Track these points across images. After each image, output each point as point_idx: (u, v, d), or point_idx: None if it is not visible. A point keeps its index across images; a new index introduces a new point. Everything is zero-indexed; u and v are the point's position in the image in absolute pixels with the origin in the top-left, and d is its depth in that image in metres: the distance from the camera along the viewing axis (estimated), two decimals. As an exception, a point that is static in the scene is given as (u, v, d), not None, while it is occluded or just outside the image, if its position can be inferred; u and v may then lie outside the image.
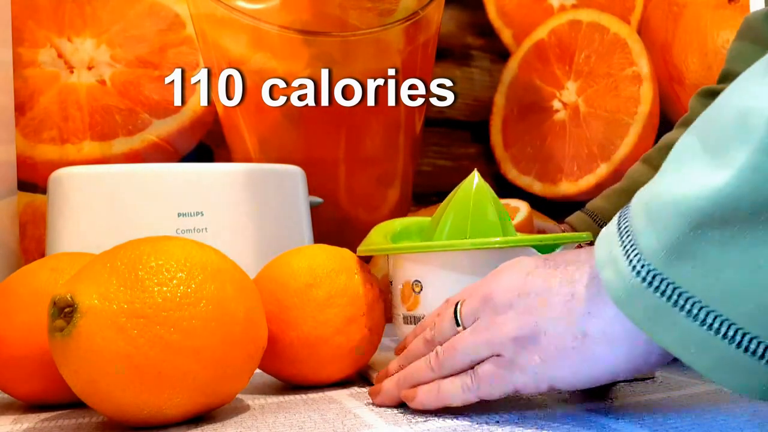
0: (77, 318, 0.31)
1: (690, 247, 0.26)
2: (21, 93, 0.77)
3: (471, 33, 0.97)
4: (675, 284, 0.26)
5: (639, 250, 0.27)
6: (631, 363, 0.30)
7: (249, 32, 0.86)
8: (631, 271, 0.27)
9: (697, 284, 0.26)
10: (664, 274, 0.26)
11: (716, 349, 0.25)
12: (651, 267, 0.27)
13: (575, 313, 0.31)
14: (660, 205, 0.27)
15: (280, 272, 0.44)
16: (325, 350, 0.42)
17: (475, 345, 0.33)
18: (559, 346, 0.31)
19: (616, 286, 0.28)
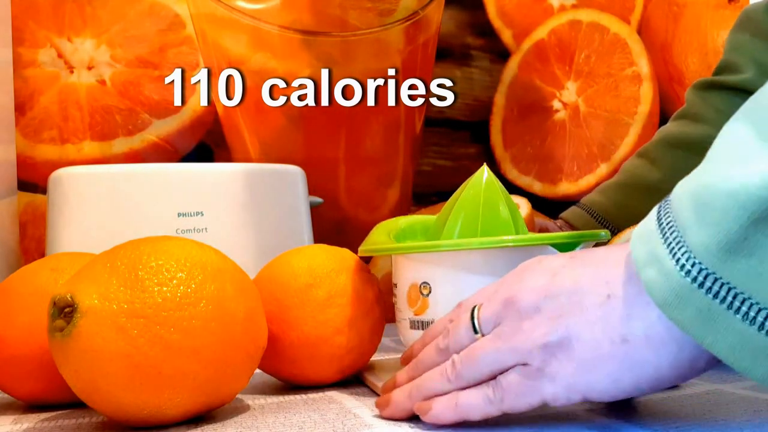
0: (77, 318, 0.31)
1: (748, 243, 0.23)
2: (21, 93, 0.77)
3: (471, 33, 0.97)
4: (730, 284, 0.24)
5: (688, 247, 0.25)
6: (676, 370, 0.27)
7: (249, 32, 0.86)
8: (679, 271, 0.25)
9: (755, 284, 0.23)
10: (718, 273, 0.24)
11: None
12: (703, 266, 0.24)
13: (613, 316, 0.28)
14: (713, 196, 0.24)
15: (280, 272, 0.44)
16: (325, 350, 0.42)
17: (498, 353, 0.31)
18: (596, 353, 0.28)
19: (661, 287, 0.26)
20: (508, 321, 0.31)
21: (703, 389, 0.38)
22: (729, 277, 0.24)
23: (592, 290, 0.29)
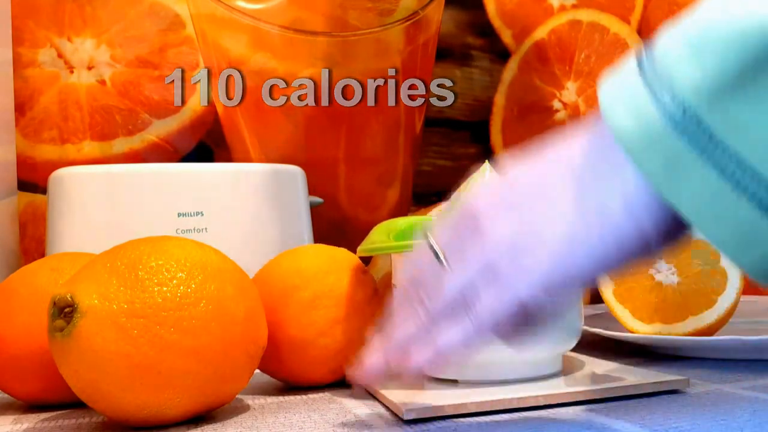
0: (77, 318, 0.31)
1: (745, 86, 0.21)
2: (21, 93, 0.77)
3: (471, 33, 0.97)
4: (712, 131, 0.21)
5: (673, 88, 0.22)
6: (662, 231, 0.25)
7: (249, 32, 0.86)
8: (657, 112, 0.22)
9: (740, 134, 0.21)
10: (704, 116, 0.21)
11: (741, 215, 0.21)
12: (688, 107, 0.22)
13: (583, 194, 0.25)
14: (713, 31, 0.21)
15: (270, 273, 0.44)
16: (312, 352, 0.42)
17: (466, 272, 0.28)
18: (568, 236, 0.25)
19: (630, 131, 0.23)
20: (467, 235, 0.28)
21: (703, 389, 0.38)
22: (713, 122, 0.21)
23: (556, 178, 0.27)
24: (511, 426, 0.32)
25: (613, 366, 0.43)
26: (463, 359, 0.30)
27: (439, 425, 0.33)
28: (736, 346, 0.45)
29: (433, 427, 0.33)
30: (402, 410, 0.34)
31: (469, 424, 0.33)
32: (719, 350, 0.47)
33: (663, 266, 0.51)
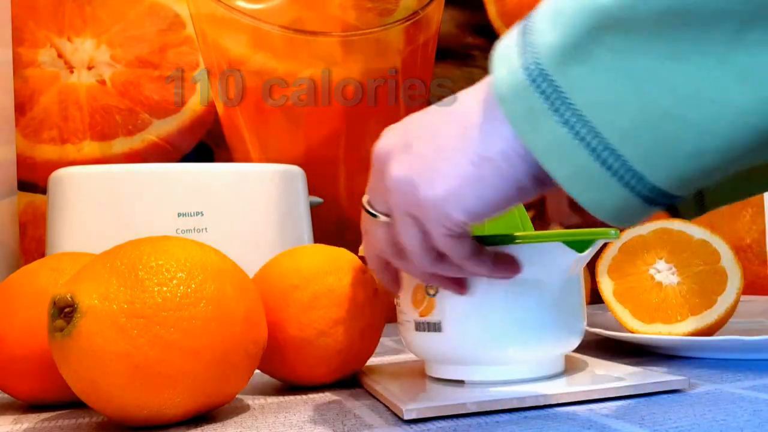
0: (77, 318, 0.31)
1: (585, 50, 0.25)
2: (21, 93, 0.77)
3: (471, 33, 0.97)
4: (559, 87, 0.26)
5: (534, 48, 0.27)
6: (537, 180, 0.29)
7: (249, 32, 0.86)
8: (520, 67, 0.27)
9: (579, 90, 0.25)
10: (552, 74, 0.26)
11: (578, 158, 0.26)
12: (541, 65, 0.26)
13: (471, 141, 0.29)
14: (568, 2, 0.26)
15: (270, 273, 0.44)
16: (312, 352, 0.41)
17: (392, 221, 0.33)
18: (461, 178, 0.30)
19: (504, 82, 0.27)
20: (380, 183, 0.33)
21: (703, 389, 0.38)
22: (560, 80, 0.26)
23: (447, 125, 0.31)
24: (511, 426, 0.32)
25: (613, 366, 0.43)
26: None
27: (439, 425, 0.33)
28: (736, 346, 0.45)
29: (433, 426, 0.33)
30: (402, 410, 0.34)
31: (469, 424, 0.33)
32: (719, 350, 0.47)
33: (663, 266, 0.51)
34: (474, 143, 0.29)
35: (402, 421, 0.34)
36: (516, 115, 0.27)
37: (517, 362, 0.39)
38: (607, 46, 0.25)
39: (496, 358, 0.38)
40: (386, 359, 0.54)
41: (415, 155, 0.31)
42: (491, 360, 0.38)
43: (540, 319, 0.38)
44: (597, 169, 0.26)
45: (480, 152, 0.29)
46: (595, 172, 0.26)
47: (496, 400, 0.35)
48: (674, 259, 0.51)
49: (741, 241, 0.94)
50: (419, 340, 0.40)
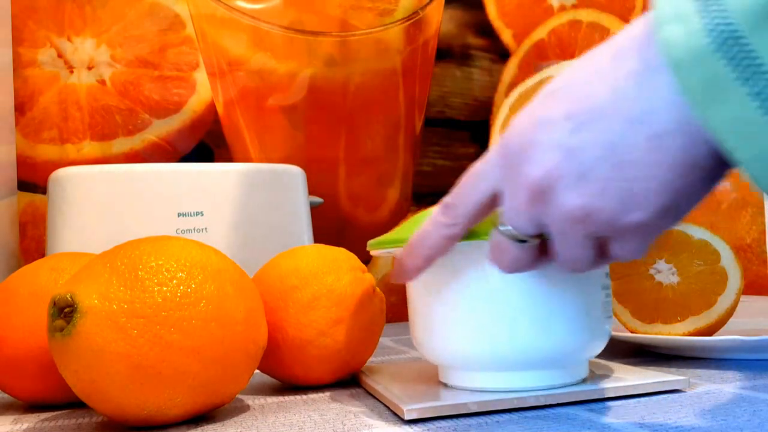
0: (77, 318, 0.31)
1: None
2: (21, 93, 0.77)
3: (471, 33, 0.97)
4: (754, 52, 0.21)
5: (723, 4, 0.22)
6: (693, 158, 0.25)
7: (249, 32, 0.86)
8: (703, 28, 0.22)
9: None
10: (747, 36, 0.21)
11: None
12: (733, 25, 0.22)
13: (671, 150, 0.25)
14: None
15: (269, 274, 0.44)
16: (312, 352, 0.42)
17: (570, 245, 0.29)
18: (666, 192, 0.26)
19: (679, 44, 0.23)
20: (526, 208, 0.29)
21: (703, 389, 0.38)
22: (757, 43, 0.21)
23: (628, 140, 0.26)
24: (512, 426, 0.32)
25: (613, 366, 0.43)
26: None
27: (439, 425, 0.33)
28: (736, 346, 0.45)
29: (433, 426, 0.33)
30: (403, 410, 0.34)
31: (470, 424, 0.33)
32: (719, 350, 0.47)
33: (663, 266, 0.51)
34: (672, 149, 0.25)
35: (402, 421, 0.34)
36: (694, 83, 0.23)
37: (543, 367, 0.36)
38: None
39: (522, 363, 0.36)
40: (386, 359, 0.54)
41: (596, 180, 0.26)
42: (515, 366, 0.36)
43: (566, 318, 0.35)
44: None
45: (686, 159, 0.25)
46: None
47: (496, 400, 0.35)
48: (674, 259, 0.51)
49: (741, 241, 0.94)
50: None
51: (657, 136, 0.25)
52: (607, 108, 0.26)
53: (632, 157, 0.26)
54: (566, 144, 0.27)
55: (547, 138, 0.27)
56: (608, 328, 0.38)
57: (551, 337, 0.35)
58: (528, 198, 0.28)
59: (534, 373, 0.36)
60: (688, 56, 0.23)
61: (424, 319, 0.38)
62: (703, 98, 0.23)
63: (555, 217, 0.28)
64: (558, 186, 0.27)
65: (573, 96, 0.27)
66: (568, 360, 0.37)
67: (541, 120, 0.28)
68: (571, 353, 0.36)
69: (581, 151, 0.26)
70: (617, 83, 0.26)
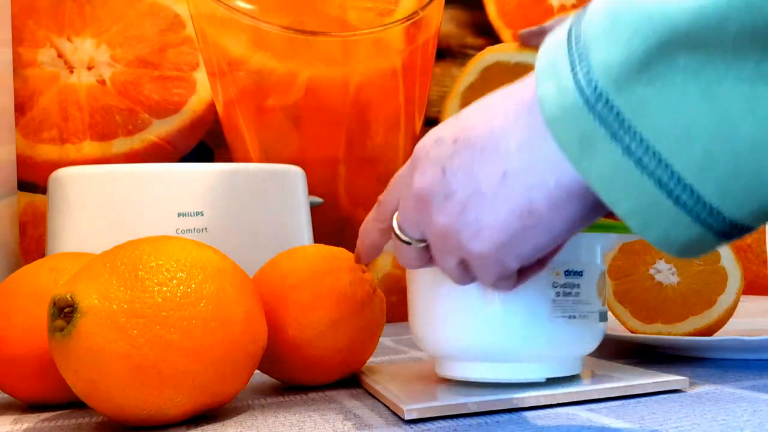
0: (77, 318, 0.31)
1: (650, 70, 0.22)
2: (21, 93, 0.77)
3: (471, 33, 0.97)
4: (620, 111, 0.22)
5: (590, 65, 0.23)
6: (587, 216, 0.27)
7: (249, 32, 0.86)
8: (574, 88, 0.23)
9: (644, 116, 0.22)
10: (612, 97, 0.23)
11: (643, 192, 0.23)
12: (599, 85, 0.23)
13: (513, 194, 0.27)
14: (629, 12, 0.22)
15: (269, 274, 0.44)
16: (312, 352, 0.41)
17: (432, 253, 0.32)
18: (507, 231, 0.27)
19: (552, 101, 0.24)
20: (411, 215, 0.31)
21: (703, 389, 0.38)
22: (621, 103, 0.23)
23: (485, 160, 0.28)
24: (512, 426, 0.32)
25: (613, 366, 0.43)
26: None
27: (439, 425, 0.33)
28: (736, 346, 0.45)
29: (433, 426, 0.33)
30: (403, 410, 0.34)
31: (470, 424, 0.33)
32: (719, 350, 0.47)
33: (663, 266, 0.51)
34: (517, 190, 0.27)
35: (402, 420, 0.34)
36: (568, 140, 0.24)
37: (538, 363, 0.38)
38: (680, 66, 0.22)
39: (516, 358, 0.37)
40: (386, 359, 0.54)
41: (456, 203, 0.29)
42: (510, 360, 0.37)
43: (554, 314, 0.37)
44: (666, 204, 0.23)
45: (524, 205, 0.27)
46: (664, 208, 0.23)
47: (496, 400, 0.35)
48: (674, 259, 0.51)
49: (741, 241, 0.94)
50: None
51: (509, 174, 0.27)
52: (484, 141, 0.28)
53: (485, 189, 0.28)
54: (445, 164, 0.29)
55: (435, 154, 0.30)
56: (602, 326, 0.39)
57: (544, 330, 0.36)
58: (413, 205, 0.31)
59: (529, 365, 0.37)
60: (561, 112, 0.24)
61: (423, 312, 0.39)
62: (580, 153, 0.24)
63: (427, 228, 0.31)
64: (432, 200, 0.30)
65: (466, 123, 0.29)
66: (556, 354, 0.38)
67: (437, 137, 0.30)
68: (556, 347, 0.37)
69: (453, 173, 0.29)
70: (495, 121, 0.28)
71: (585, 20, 0.24)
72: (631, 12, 0.22)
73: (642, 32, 0.22)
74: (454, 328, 0.37)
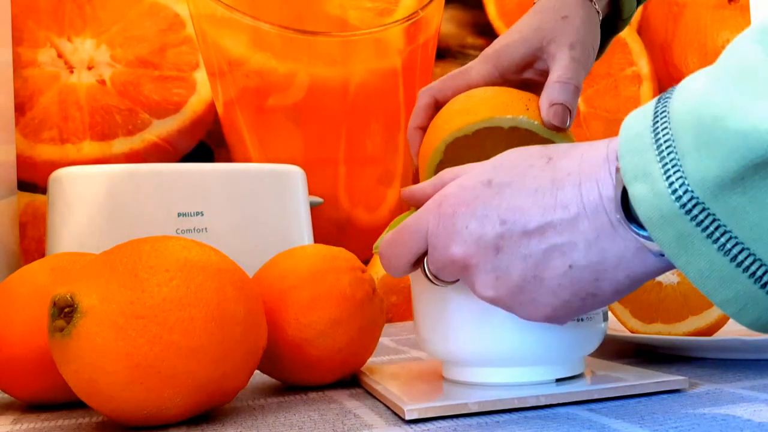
0: (77, 318, 0.31)
1: (744, 182, 0.24)
2: (21, 93, 0.77)
3: (471, 33, 0.97)
4: (716, 216, 0.25)
5: (683, 174, 0.25)
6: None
7: (249, 32, 0.86)
8: (671, 195, 0.25)
9: (738, 220, 0.25)
10: (708, 204, 0.25)
11: (738, 284, 0.25)
12: (695, 195, 0.25)
13: (580, 283, 0.30)
14: (722, 131, 0.24)
15: (268, 274, 0.44)
16: (311, 352, 0.41)
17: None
18: (565, 309, 0.31)
19: (649, 205, 0.26)
20: (444, 268, 0.33)
21: (703, 389, 0.38)
22: (717, 210, 0.25)
23: (551, 264, 0.30)
24: (512, 426, 0.32)
25: (613, 366, 0.43)
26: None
27: (439, 425, 0.33)
28: (736, 346, 0.45)
29: (433, 426, 0.33)
30: (404, 410, 0.34)
31: (470, 424, 0.33)
32: (719, 350, 0.47)
33: (663, 266, 0.51)
34: (583, 283, 0.30)
35: (402, 420, 0.34)
36: (666, 239, 0.26)
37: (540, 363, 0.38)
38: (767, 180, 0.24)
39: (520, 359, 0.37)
40: (386, 359, 0.54)
41: (510, 282, 0.31)
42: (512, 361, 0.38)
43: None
44: (759, 294, 0.25)
45: (589, 291, 0.30)
46: (758, 297, 0.25)
47: (497, 401, 0.35)
48: (674, 259, 0.50)
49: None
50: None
51: (576, 267, 0.30)
52: (544, 232, 0.30)
53: (546, 277, 0.30)
54: (498, 243, 0.31)
55: (477, 229, 0.31)
56: (604, 327, 0.40)
57: (553, 334, 0.36)
58: (449, 267, 0.33)
59: (536, 368, 0.38)
60: (658, 215, 0.26)
61: (430, 316, 0.39)
62: (678, 250, 0.26)
63: (468, 284, 0.33)
64: (478, 271, 0.32)
65: (513, 204, 0.31)
66: (564, 356, 0.38)
67: (478, 209, 0.31)
68: (565, 350, 0.38)
69: (509, 257, 0.31)
70: (552, 214, 0.30)
71: (673, 127, 0.26)
72: (724, 131, 0.24)
73: (738, 152, 0.24)
74: (464, 333, 0.37)
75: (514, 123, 0.41)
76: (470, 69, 0.48)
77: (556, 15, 0.47)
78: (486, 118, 0.41)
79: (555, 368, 0.38)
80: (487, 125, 0.41)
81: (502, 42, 0.49)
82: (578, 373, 0.39)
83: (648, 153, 0.27)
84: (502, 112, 0.41)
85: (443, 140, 0.42)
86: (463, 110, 0.42)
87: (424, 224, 0.34)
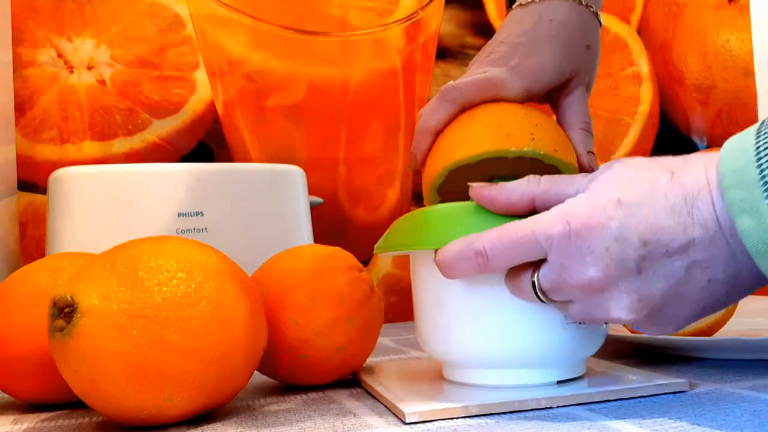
0: (77, 318, 0.31)
1: None
2: (21, 93, 0.77)
3: (471, 33, 0.97)
4: None
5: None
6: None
7: (249, 32, 0.86)
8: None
9: None
10: None
11: None
12: None
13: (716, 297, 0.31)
14: None
15: (267, 274, 0.44)
16: (310, 353, 0.41)
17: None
18: (686, 318, 0.32)
19: (757, 237, 0.28)
20: (567, 289, 0.33)
21: (703, 389, 0.38)
22: None
23: (694, 280, 0.31)
24: (512, 427, 0.32)
25: (613, 366, 0.43)
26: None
27: (439, 425, 0.33)
28: (736, 346, 0.45)
29: (433, 427, 0.33)
30: (404, 412, 0.34)
31: (470, 425, 0.33)
32: (719, 350, 0.47)
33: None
34: (717, 297, 0.31)
35: (402, 421, 0.34)
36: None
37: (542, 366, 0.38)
38: None
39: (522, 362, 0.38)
40: (386, 359, 0.54)
41: (652, 303, 0.32)
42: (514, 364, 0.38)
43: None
44: None
45: (720, 303, 0.32)
46: None
47: (497, 403, 0.35)
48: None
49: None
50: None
51: (714, 281, 0.31)
52: (688, 251, 0.30)
53: (686, 292, 0.31)
54: (641, 265, 0.31)
55: (618, 253, 0.31)
56: (605, 328, 0.40)
57: (557, 337, 0.36)
58: (577, 288, 0.32)
59: (539, 371, 0.38)
60: (765, 247, 0.28)
61: (432, 317, 0.39)
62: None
63: (600, 307, 0.33)
64: (614, 293, 0.32)
65: (652, 222, 0.31)
66: (567, 358, 0.38)
67: (615, 230, 0.31)
68: (567, 352, 0.37)
69: (655, 279, 0.31)
70: (692, 232, 0.30)
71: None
72: None
73: None
74: (465, 335, 0.37)
75: (519, 155, 0.40)
76: (504, 85, 0.44)
77: (581, 43, 0.48)
78: (490, 150, 0.40)
79: (556, 370, 0.38)
80: (491, 156, 0.40)
81: (534, 61, 0.46)
82: (579, 374, 0.39)
83: (755, 191, 0.28)
84: (507, 144, 0.40)
85: (445, 167, 0.42)
86: (466, 139, 0.42)
87: (548, 237, 0.32)
